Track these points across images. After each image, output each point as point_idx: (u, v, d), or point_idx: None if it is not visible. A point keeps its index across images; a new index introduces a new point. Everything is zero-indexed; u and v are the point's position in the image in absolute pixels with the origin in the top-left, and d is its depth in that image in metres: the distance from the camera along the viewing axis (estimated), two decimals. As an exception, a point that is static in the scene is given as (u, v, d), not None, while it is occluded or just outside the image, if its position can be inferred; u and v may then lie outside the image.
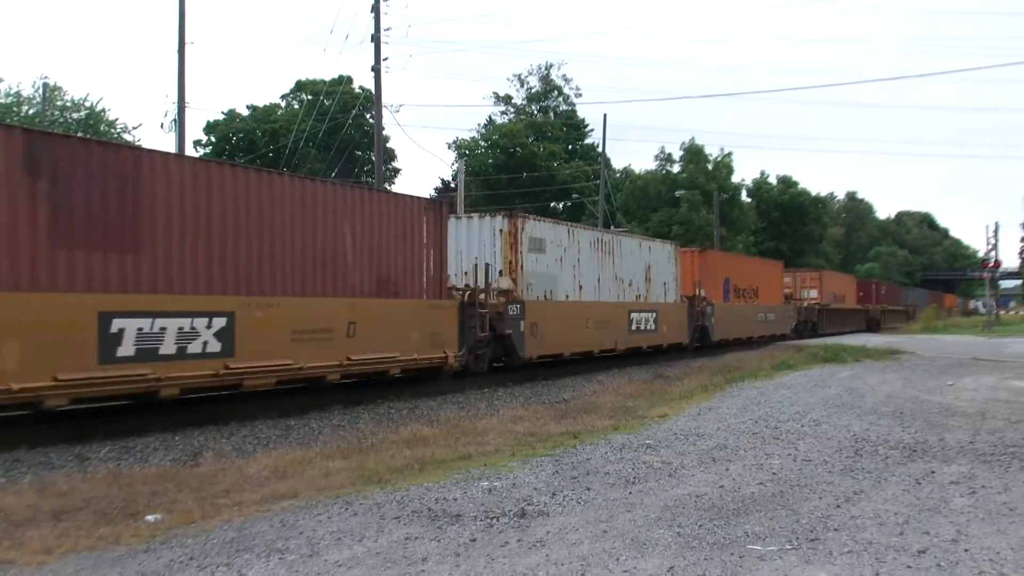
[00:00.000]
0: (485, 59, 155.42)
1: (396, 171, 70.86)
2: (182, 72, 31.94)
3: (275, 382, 14.72)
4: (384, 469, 9.14)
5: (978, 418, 13.23)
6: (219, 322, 13.57)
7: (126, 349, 12.20)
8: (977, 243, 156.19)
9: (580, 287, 24.31)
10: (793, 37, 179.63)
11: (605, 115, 57.46)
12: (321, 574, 5.74)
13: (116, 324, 12.10)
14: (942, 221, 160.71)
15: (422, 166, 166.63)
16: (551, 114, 78.07)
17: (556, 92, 79.25)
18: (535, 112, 78.41)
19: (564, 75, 79.73)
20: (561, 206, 72.15)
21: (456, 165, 64.27)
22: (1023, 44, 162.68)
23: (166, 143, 77.30)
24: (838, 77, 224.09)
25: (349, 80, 64.10)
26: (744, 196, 78.13)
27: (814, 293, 47.96)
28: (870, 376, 20.73)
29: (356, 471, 9.04)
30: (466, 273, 20.75)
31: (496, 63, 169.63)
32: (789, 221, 79.87)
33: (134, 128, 63.27)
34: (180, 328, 12.94)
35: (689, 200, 66.62)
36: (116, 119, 58.63)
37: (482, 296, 19.70)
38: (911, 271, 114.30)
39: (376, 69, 34.36)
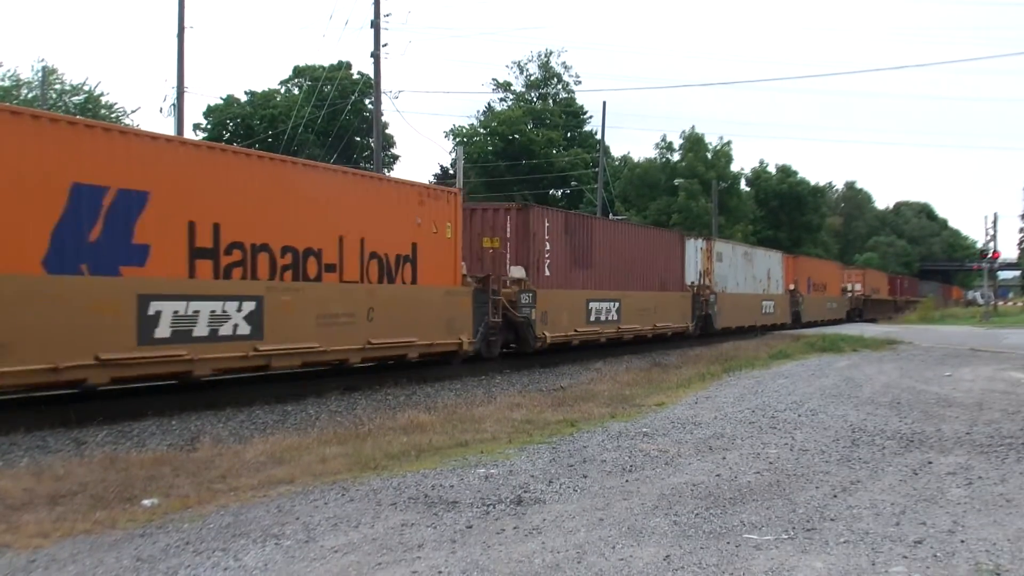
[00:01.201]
0: (485, 45, 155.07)
1: (395, 157, 70.81)
2: (181, 56, 31.84)
3: (633, 337, 27.35)
4: (381, 455, 9.13)
5: (975, 409, 13.24)
6: (616, 305, 25.96)
7: (592, 316, 24.52)
8: (976, 234, 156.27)
9: (737, 284, 36.36)
10: (793, 26, 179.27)
11: (604, 103, 57.39)
12: (317, 560, 5.74)
13: (591, 305, 24.49)
14: (941, 212, 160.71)
15: (421, 152, 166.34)
16: (550, 101, 77.86)
17: (555, 79, 79.05)
18: (534, 99, 78.20)
19: (564, 62, 79.60)
20: (560, 193, 72.05)
21: (454, 153, 64.17)
22: (1023, 34, 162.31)
23: (165, 127, 77.19)
24: (838, 66, 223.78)
25: (348, 66, 63.95)
26: (743, 185, 78.06)
27: (859, 286, 59.07)
28: (867, 366, 20.74)
29: (353, 457, 9.04)
30: None
31: (496, 49, 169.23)
32: (787, 210, 79.79)
33: (132, 112, 63.08)
34: (606, 307, 25.26)
35: (687, 188, 66.52)
36: (115, 103, 58.52)
37: (702, 289, 32.19)
38: (909, 261, 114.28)
39: (375, 55, 34.23)
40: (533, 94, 78.67)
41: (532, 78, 78.84)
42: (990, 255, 64.55)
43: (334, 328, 15.55)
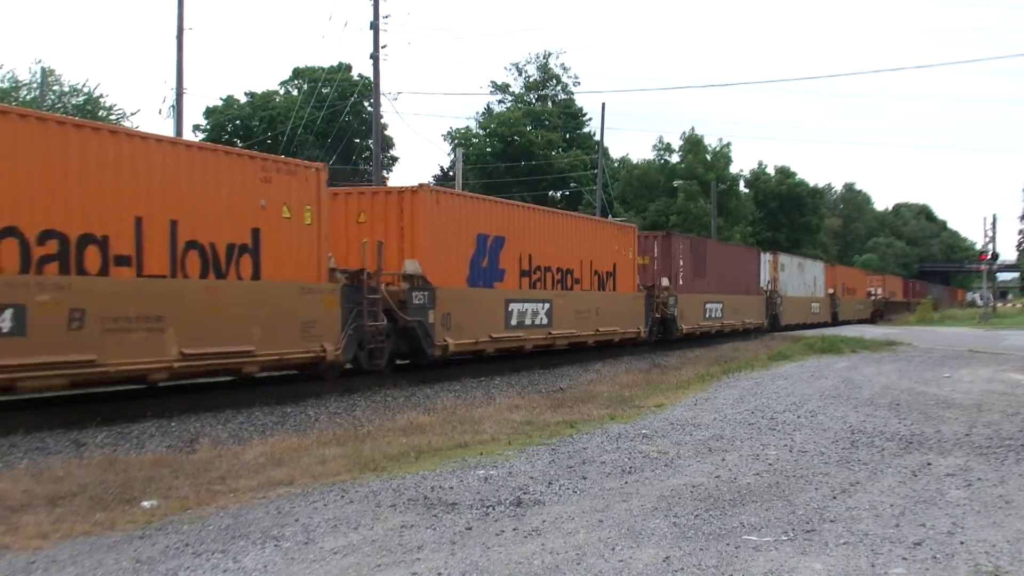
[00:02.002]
0: (484, 46, 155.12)
1: (394, 159, 70.76)
2: (180, 58, 31.85)
3: (731, 331, 34.81)
4: (380, 457, 9.13)
5: (974, 410, 13.24)
6: (721, 305, 33.96)
7: (708, 315, 32.70)
8: (975, 235, 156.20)
9: (794, 288, 44.58)
10: (792, 27, 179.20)
11: (603, 104, 57.47)
12: (316, 561, 5.74)
13: (707, 306, 32.64)
14: (940, 213, 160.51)
15: (420, 153, 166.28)
16: (549, 103, 77.82)
17: (554, 81, 79.02)
18: (533, 101, 78.16)
19: (562, 64, 79.61)
20: (559, 195, 72.02)
21: (452, 155, 64.13)
22: (1022, 35, 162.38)
23: (164, 128, 77.13)
24: (837, 68, 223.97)
25: (348, 68, 63.91)
26: (742, 186, 78.07)
27: (880, 290, 67.76)
28: (867, 367, 20.74)
29: (352, 458, 9.03)
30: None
31: (495, 50, 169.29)
32: (786, 211, 79.84)
33: (132, 114, 62.92)
34: (715, 307, 33.32)
35: (687, 190, 66.51)
36: (114, 105, 58.50)
37: (772, 293, 40.77)
38: (908, 263, 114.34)
39: (375, 57, 34.22)
40: (532, 95, 78.61)
41: (531, 80, 78.78)
42: (989, 257, 64.69)
43: (582, 320, 23.85)
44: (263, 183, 14.49)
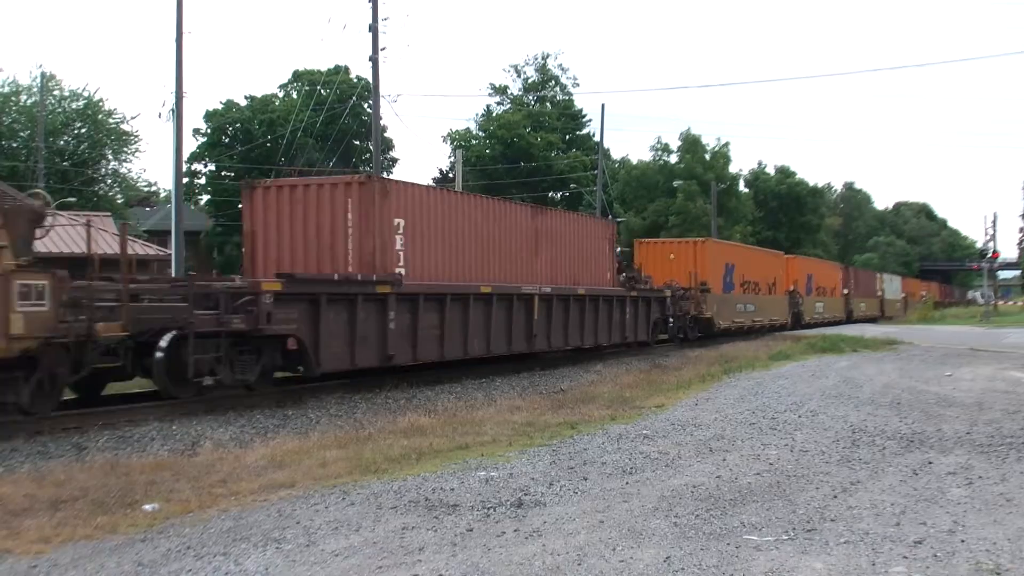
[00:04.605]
0: (484, 48, 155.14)
1: (394, 161, 70.70)
2: (180, 61, 31.77)
3: (866, 319, 57.26)
4: (381, 459, 9.14)
5: (975, 409, 13.24)
6: (864, 304, 62.59)
7: (855, 309, 59.91)
8: (975, 234, 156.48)
9: (889, 293, 70.05)
10: (792, 26, 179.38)
11: (603, 105, 57.27)
12: (318, 564, 5.74)
13: (859, 305, 61.13)
14: (940, 212, 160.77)
15: (420, 155, 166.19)
16: (548, 104, 77.76)
17: (553, 82, 78.97)
18: (532, 102, 78.12)
19: (561, 64, 79.53)
20: (559, 196, 71.98)
21: (452, 157, 64.15)
22: (1022, 33, 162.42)
23: (164, 132, 77.05)
24: (837, 67, 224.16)
25: (346, 70, 63.91)
26: (742, 186, 77.98)
27: (927, 292, 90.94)
28: (867, 366, 20.73)
29: (353, 461, 9.04)
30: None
31: (495, 52, 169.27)
32: (786, 211, 79.79)
33: (132, 119, 62.89)
34: (862, 305, 61.96)
35: (686, 190, 66.43)
36: (114, 109, 58.46)
37: (881, 297, 68.50)
38: (909, 261, 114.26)
39: (374, 59, 34.15)
40: (531, 96, 78.54)
41: (530, 81, 78.72)
42: (990, 255, 64.73)
43: (765, 313, 39.32)
44: (775, 260, 43.10)
